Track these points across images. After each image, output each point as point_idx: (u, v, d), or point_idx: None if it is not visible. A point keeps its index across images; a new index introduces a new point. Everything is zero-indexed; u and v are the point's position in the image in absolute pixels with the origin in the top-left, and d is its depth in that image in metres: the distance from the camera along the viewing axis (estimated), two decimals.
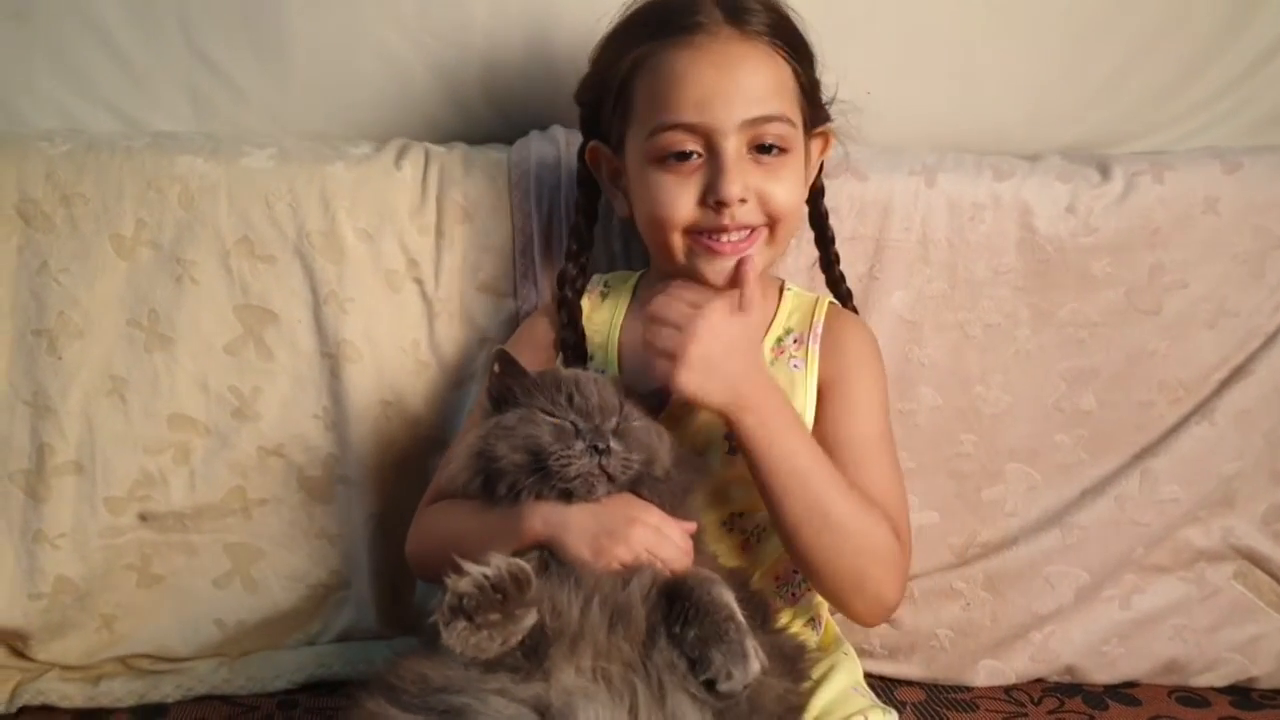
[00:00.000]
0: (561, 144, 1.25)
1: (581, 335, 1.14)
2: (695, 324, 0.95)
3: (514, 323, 1.25)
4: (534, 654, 0.81)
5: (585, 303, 1.17)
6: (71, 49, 1.27)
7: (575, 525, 0.90)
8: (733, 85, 1.01)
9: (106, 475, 1.22)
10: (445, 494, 1.04)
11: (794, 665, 0.95)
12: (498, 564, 0.81)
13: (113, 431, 1.22)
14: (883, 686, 1.26)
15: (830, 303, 1.16)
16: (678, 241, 1.06)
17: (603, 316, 1.17)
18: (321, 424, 1.25)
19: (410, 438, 1.26)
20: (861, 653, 1.21)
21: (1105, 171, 1.26)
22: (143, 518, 1.24)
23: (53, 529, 1.21)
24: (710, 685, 0.82)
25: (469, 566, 0.81)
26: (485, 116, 1.32)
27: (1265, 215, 1.24)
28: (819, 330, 1.12)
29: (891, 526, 1.01)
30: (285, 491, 1.26)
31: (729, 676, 0.81)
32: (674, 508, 0.95)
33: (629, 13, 1.08)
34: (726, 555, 1.07)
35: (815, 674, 1.03)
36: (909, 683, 1.29)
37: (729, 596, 0.86)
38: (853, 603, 1.03)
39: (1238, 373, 1.25)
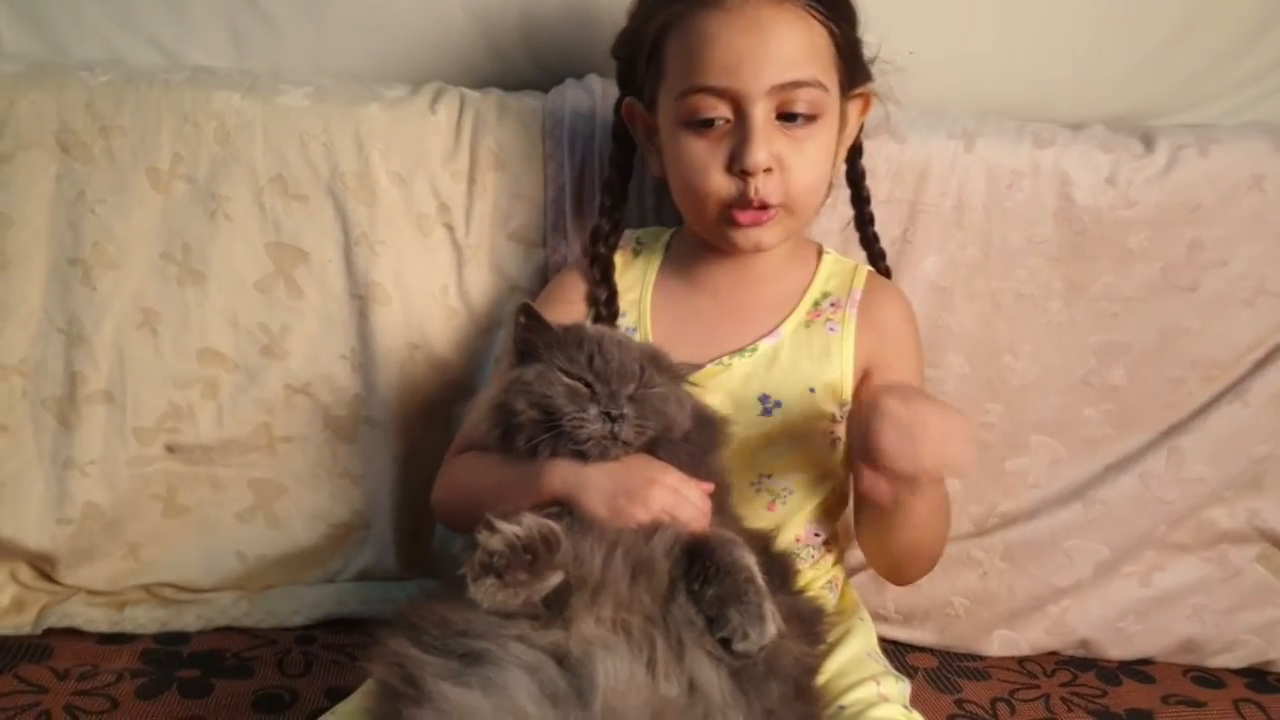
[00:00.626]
0: (597, 94, 1.24)
1: (614, 292, 1.14)
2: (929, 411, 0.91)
3: (543, 272, 1.25)
4: (555, 602, 0.82)
5: (618, 259, 1.17)
6: None
7: (593, 485, 0.90)
8: (762, 49, 0.99)
9: (136, 406, 1.24)
10: (471, 444, 1.05)
11: (811, 628, 0.96)
12: (529, 524, 0.81)
13: (143, 363, 1.24)
14: (896, 651, 1.26)
15: (869, 271, 1.15)
16: (710, 209, 1.05)
17: (635, 274, 1.16)
18: (349, 364, 1.26)
19: (436, 382, 1.26)
20: (876, 618, 1.21)
21: (1149, 143, 1.23)
22: (170, 449, 1.26)
23: (83, 456, 1.23)
24: (726, 644, 0.82)
25: (501, 525, 0.81)
26: (522, 63, 1.32)
27: None
28: (857, 297, 1.11)
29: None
30: (310, 430, 1.27)
31: (745, 637, 0.81)
32: (693, 468, 0.94)
33: None
34: (753, 516, 1.06)
35: (831, 638, 1.03)
36: (922, 649, 1.30)
37: (750, 559, 0.86)
38: (899, 578, 1.14)
39: (1274, 353, 1.24)
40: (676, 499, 0.90)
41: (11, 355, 1.22)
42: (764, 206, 1.03)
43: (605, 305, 1.13)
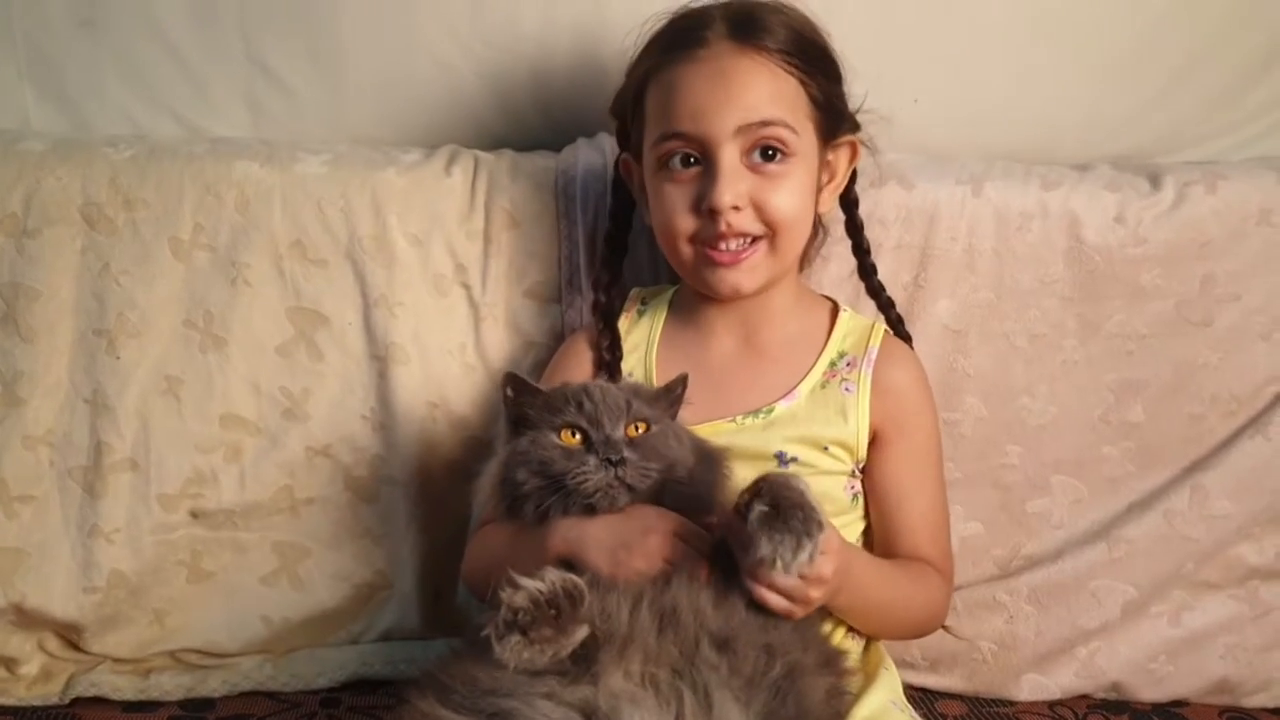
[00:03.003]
0: (608, 152, 1.26)
1: (616, 338, 1.16)
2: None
3: (559, 328, 1.27)
4: (583, 658, 0.82)
5: (623, 320, 1.19)
6: (137, 56, 1.32)
7: (593, 539, 0.92)
8: (725, 95, 1.03)
9: (160, 472, 1.25)
10: (487, 520, 1.07)
11: (836, 664, 0.96)
12: (552, 579, 0.82)
13: (167, 430, 1.25)
14: (923, 699, 1.24)
15: (886, 332, 1.16)
16: (684, 250, 1.08)
17: (640, 333, 1.18)
18: (369, 425, 1.27)
19: (456, 440, 1.27)
20: (902, 664, 1.20)
21: (1156, 181, 1.24)
22: (194, 515, 1.27)
23: (108, 524, 1.24)
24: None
25: (523, 581, 0.81)
26: (534, 123, 1.34)
27: None
28: (873, 356, 1.12)
29: (940, 575, 1.10)
30: (332, 491, 1.28)
31: (777, 562, 0.81)
32: (701, 508, 0.95)
33: (651, 31, 1.11)
34: None
35: (854, 688, 1.03)
36: (951, 695, 1.27)
37: (805, 485, 0.86)
38: (900, 639, 1.16)
39: None
40: (675, 545, 0.91)
41: (38, 426, 1.24)
42: (751, 241, 1.05)
43: (609, 352, 1.15)
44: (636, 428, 0.95)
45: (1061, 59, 1.30)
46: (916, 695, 1.22)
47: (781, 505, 0.84)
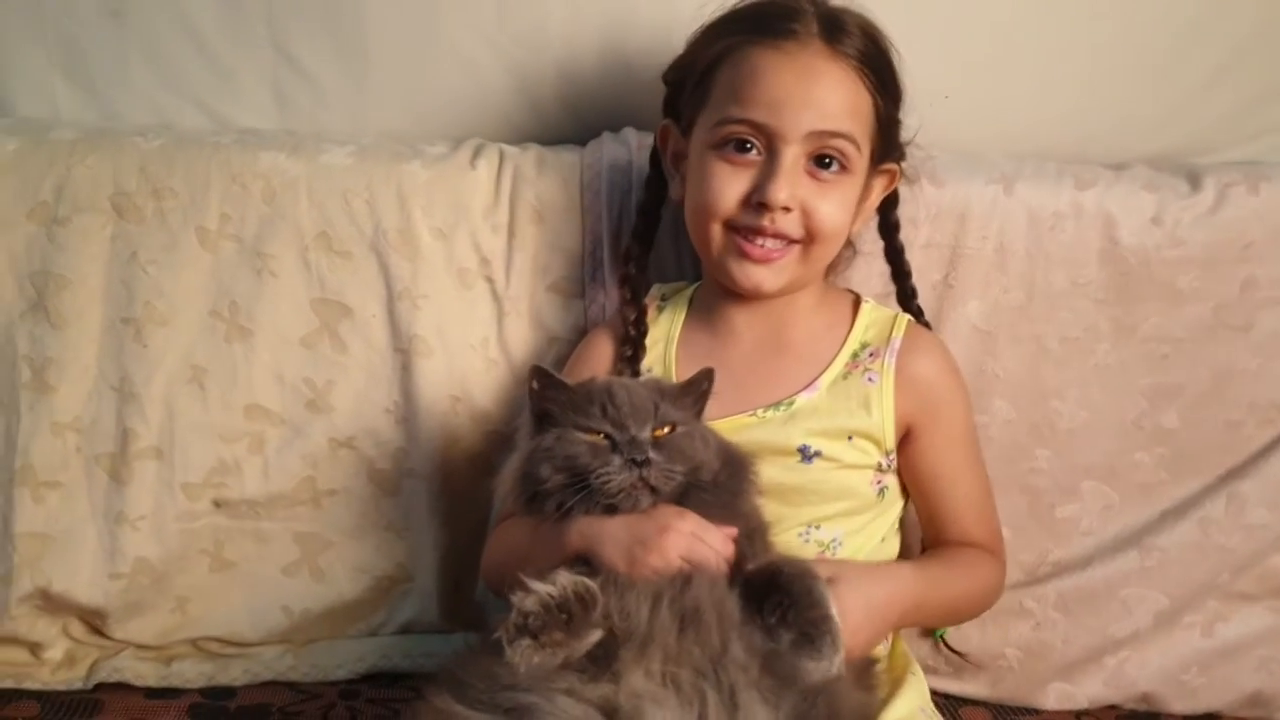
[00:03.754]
0: (633, 146, 1.26)
1: (642, 312, 1.16)
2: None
3: (582, 323, 1.26)
4: (603, 656, 0.82)
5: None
6: (164, 47, 1.32)
7: (609, 536, 0.91)
8: (808, 95, 1.01)
9: (184, 461, 1.26)
10: (506, 515, 1.07)
11: (865, 677, 0.96)
12: (563, 583, 0.82)
13: (192, 419, 1.26)
14: (948, 705, 1.23)
15: (909, 321, 1.14)
16: (716, 233, 1.07)
17: (660, 330, 1.17)
18: (392, 418, 1.27)
19: (478, 433, 1.27)
20: (928, 670, 1.18)
21: (1195, 182, 1.22)
22: (217, 504, 1.27)
23: (134, 511, 1.25)
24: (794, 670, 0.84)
25: (535, 585, 0.81)
26: (559, 118, 1.34)
27: None
28: (896, 346, 1.10)
29: (993, 559, 1.12)
30: (355, 483, 1.28)
31: (818, 670, 0.83)
32: (724, 513, 0.94)
33: (734, 6, 1.09)
34: None
35: (882, 693, 1.02)
36: (976, 702, 1.26)
37: (824, 589, 0.87)
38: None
39: None
40: (693, 544, 0.90)
41: (66, 413, 1.25)
42: (788, 242, 1.04)
43: (634, 325, 1.15)
44: (663, 429, 0.94)
45: (1096, 56, 1.28)
46: (941, 701, 1.20)
47: (806, 627, 0.85)
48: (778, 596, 0.86)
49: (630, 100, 1.18)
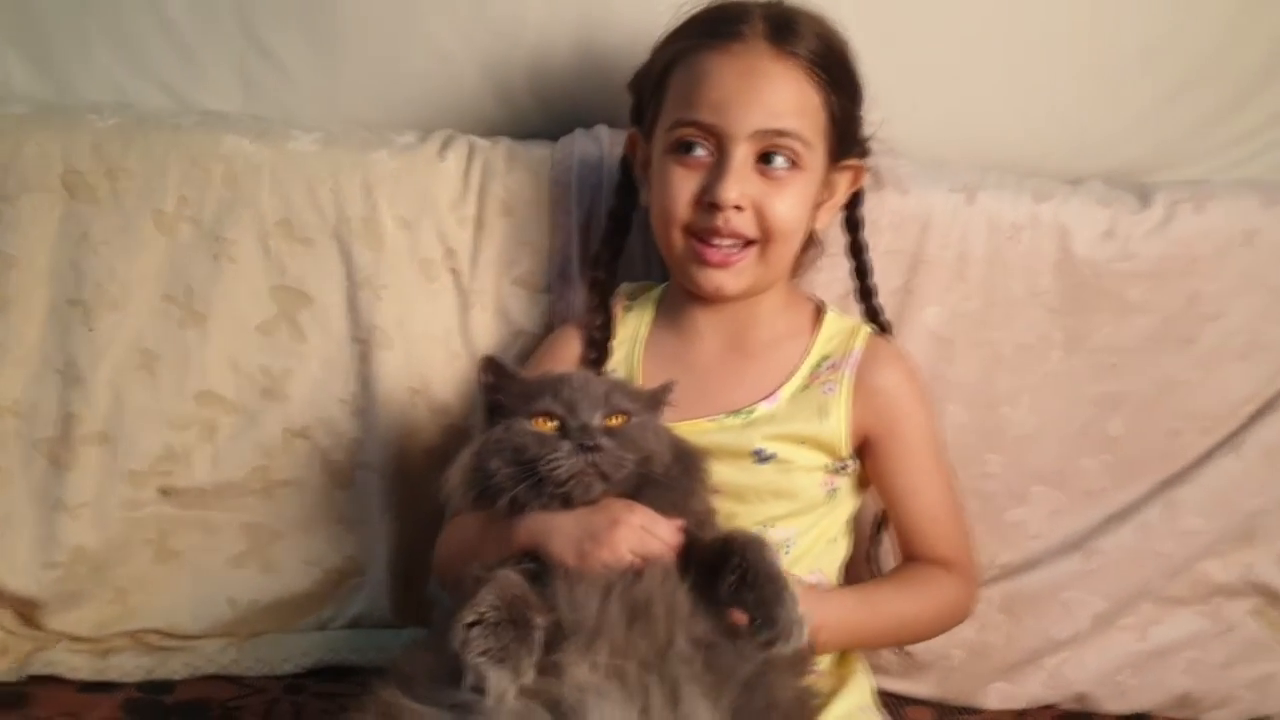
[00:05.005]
0: (605, 144, 1.26)
1: (610, 317, 1.17)
2: None
3: (548, 317, 1.26)
4: (549, 649, 0.81)
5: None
6: (126, 21, 1.28)
7: (558, 531, 0.91)
8: (752, 93, 1.03)
9: (131, 448, 1.23)
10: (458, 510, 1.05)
11: (801, 665, 0.95)
12: (491, 601, 0.81)
13: (140, 405, 1.23)
14: (893, 704, 1.25)
15: (869, 332, 1.16)
16: (677, 238, 1.08)
17: (627, 331, 1.18)
18: (349, 409, 1.26)
19: (436, 427, 1.26)
20: (875, 669, 1.20)
21: (1145, 198, 1.26)
22: (164, 492, 1.24)
23: (73, 498, 1.22)
24: (765, 645, 0.85)
25: (470, 626, 0.79)
26: (531, 112, 1.33)
27: None
28: (856, 358, 1.12)
29: (958, 574, 1.11)
30: (308, 474, 1.26)
31: (788, 638, 0.84)
32: (676, 508, 0.95)
33: (687, 14, 1.10)
34: None
35: (826, 687, 1.04)
36: (920, 701, 1.29)
37: (779, 560, 0.88)
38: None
39: (1267, 407, 1.25)
40: (642, 537, 0.90)
41: (6, 396, 1.21)
42: (745, 243, 1.06)
43: (599, 330, 1.15)
44: (615, 418, 0.94)
45: (1057, 74, 1.32)
46: (887, 700, 1.21)
47: (769, 599, 0.86)
48: (731, 566, 0.87)
49: (604, 97, 1.18)
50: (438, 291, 1.26)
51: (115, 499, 1.23)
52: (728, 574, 0.87)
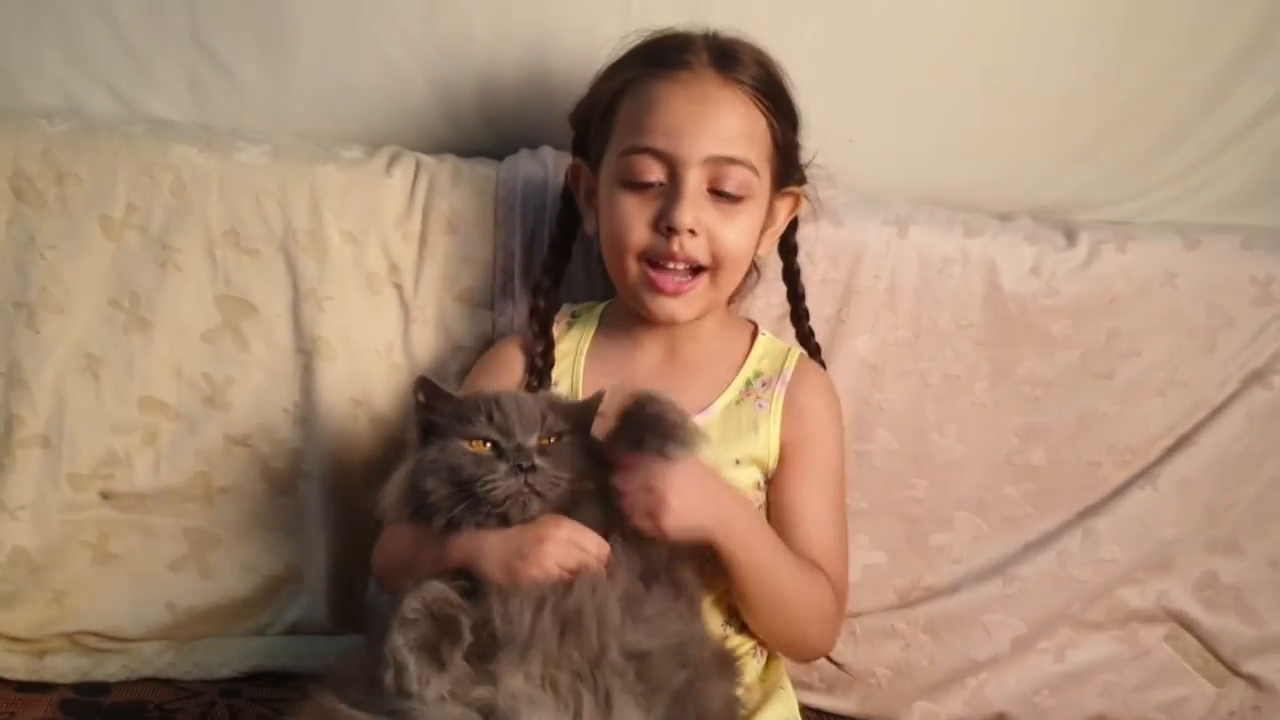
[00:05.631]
0: (550, 165, 1.28)
1: (550, 344, 1.18)
2: (667, 478, 0.95)
3: (489, 334, 1.28)
4: (483, 658, 0.84)
5: (554, 331, 1.20)
6: (77, 27, 1.29)
7: (488, 549, 0.93)
8: (703, 120, 1.05)
9: (73, 451, 1.24)
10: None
11: (730, 665, 0.98)
12: (413, 605, 0.84)
13: (83, 408, 1.24)
14: (817, 719, 1.28)
15: (801, 355, 1.19)
16: (631, 266, 1.10)
17: (569, 344, 1.20)
18: (291, 418, 1.27)
19: (377, 437, 1.27)
20: (800, 685, 1.23)
21: (1071, 237, 1.29)
22: (104, 496, 1.25)
23: (13, 500, 1.22)
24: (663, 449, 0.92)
25: (403, 657, 0.82)
26: (478, 131, 1.35)
27: (1220, 293, 1.28)
28: (788, 378, 1.15)
29: (832, 586, 1.09)
30: (248, 481, 1.27)
31: (685, 439, 0.92)
32: (611, 521, 0.96)
33: (630, 45, 1.12)
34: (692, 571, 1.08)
35: (750, 704, 1.06)
36: (844, 717, 1.31)
37: (673, 401, 0.95)
38: (790, 652, 1.15)
39: (1182, 441, 1.29)
40: (569, 551, 0.92)
41: None
42: (694, 271, 1.08)
43: (541, 358, 1.16)
44: (550, 439, 0.96)
45: (991, 114, 1.35)
46: (812, 716, 1.25)
47: (668, 430, 0.92)
48: (643, 410, 0.93)
49: (549, 119, 1.20)
50: (381, 305, 1.27)
51: (55, 501, 1.24)
52: (635, 426, 0.93)
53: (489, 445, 0.94)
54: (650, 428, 0.92)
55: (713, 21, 1.12)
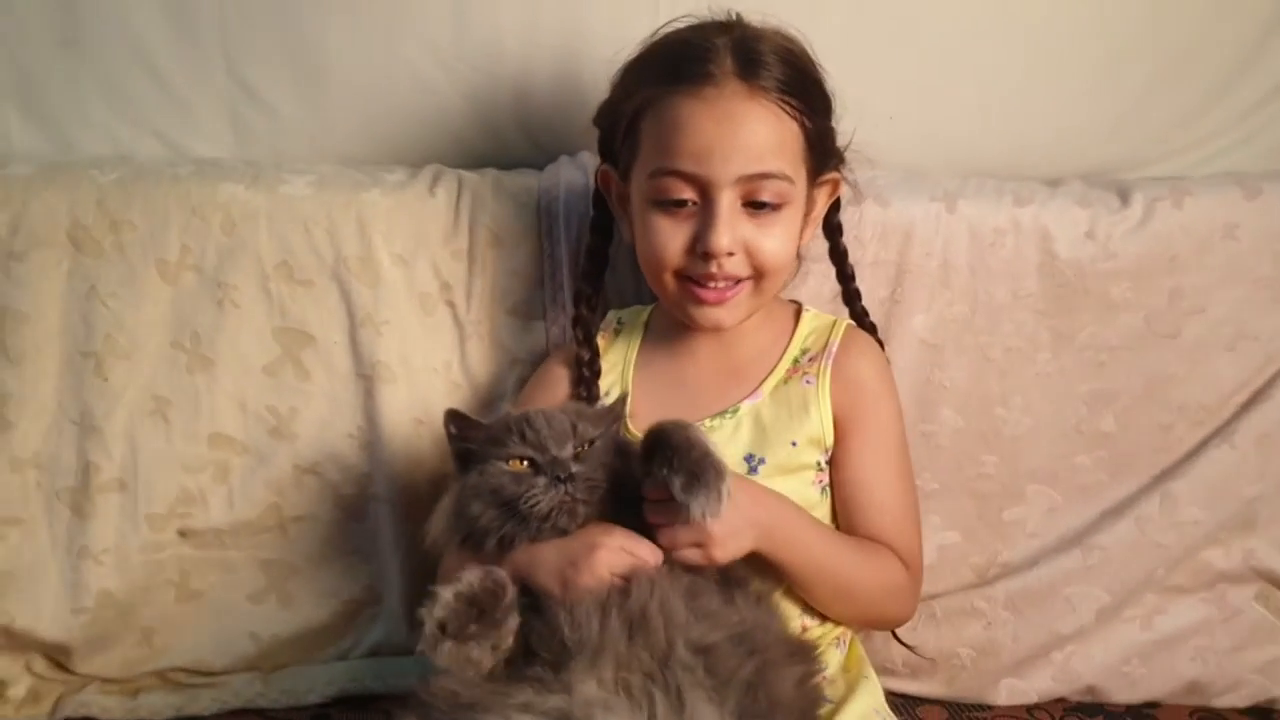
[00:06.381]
0: (589, 170, 1.27)
1: (595, 352, 1.18)
2: None
3: (543, 345, 1.29)
4: (555, 667, 0.85)
5: (600, 341, 1.20)
6: (119, 77, 1.32)
7: (542, 560, 0.93)
8: (731, 140, 1.01)
9: (148, 493, 1.26)
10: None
11: (802, 650, 0.98)
12: (469, 578, 0.86)
13: (155, 450, 1.26)
14: (904, 705, 1.27)
15: (848, 325, 1.18)
16: (669, 281, 1.09)
17: (617, 353, 1.20)
18: (356, 443, 1.28)
19: (441, 456, 1.26)
20: (884, 671, 1.23)
21: (1125, 197, 1.27)
22: (182, 534, 1.27)
23: (97, 545, 1.25)
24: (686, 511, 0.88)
25: (439, 589, 0.85)
26: (516, 142, 1.36)
27: None
28: (834, 350, 1.14)
29: (901, 559, 1.09)
30: (320, 509, 1.29)
31: (704, 504, 0.87)
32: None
33: (647, 47, 1.10)
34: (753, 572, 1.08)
35: (836, 696, 1.06)
36: (931, 701, 1.30)
37: (702, 434, 0.91)
38: (873, 627, 1.18)
39: (1257, 396, 1.26)
40: (622, 558, 0.93)
41: (26, 449, 1.24)
42: (735, 281, 1.06)
43: (588, 366, 1.16)
44: (583, 446, 0.97)
45: (1032, 77, 1.33)
46: (898, 702, 1.24)
47: (691, 467, 0.88)
48: (664, 451, 0.90)
49: (586, 125, 1.19)
50: (436, 325, 1.28)
51: (136, 543, 1.26)
52: (661, 459, 0.90)
53: (526, 463, 0.95)
54: (675, 464, 0.90)
55: (738, 5, 1.10)
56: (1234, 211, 1.25)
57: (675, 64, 1.05)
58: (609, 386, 1.17)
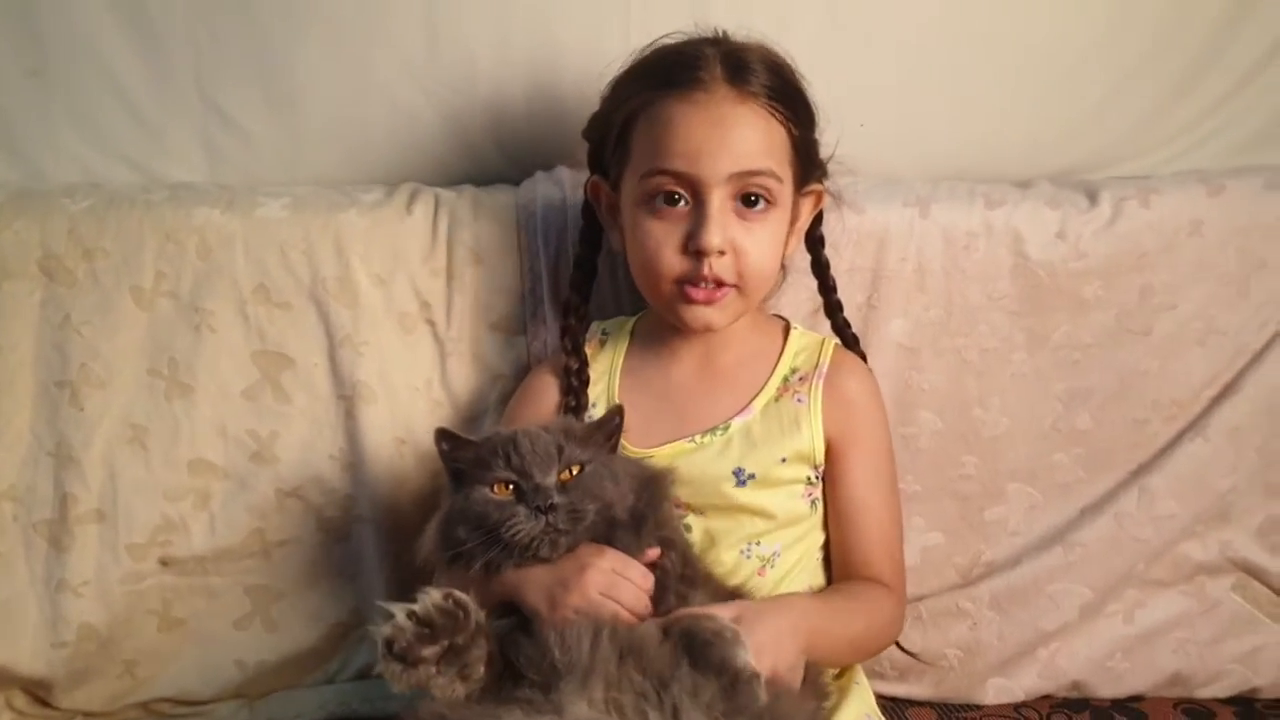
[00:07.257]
0: (566, 185, 1.28)
1: (584, 362, 1.18)
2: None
3: (524, 361, 1.29)
4: (546, 689, 0.84)
5: (586, 351, 1.20)
6: (88, 103, 1.31)
7: (531, 581, 0.94)
8: (721, 141, 1.04)
9: (128, 522, 1.25)
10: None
11: (816, 681, 0.99)
12: (425, 600, 0.85)
13: (134, 479, 1.25)
14: (894, 708, 1.28)
15: (836, 345, 1.19)
16: (665, 287, 1.09)
17: (602, 364, 1.20)
18: (338, 465, 1.28)
19: (425, 474, 1.28)
20: (872, 674, 1.23)
21: (1093, 197, 1.29)
22: (164, 563, 1.26)
23: (75, 577, 1.24)
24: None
25: (394, 608, 0.84)
26: (492, 159, 1.36)
27: (1248, 236, 1.27)
28: (824, 369, 1.15)
29: (888, 587, 1.12)
30: (304, 532, 1.28)
31: (741, 688, 0.85)
32: (648, 541, 0.97)
33: (639, 59, 1.12)
34: (747, 584, 1.09)
35: (829, 703, 1.06)
36: (920, 703, 1.31)
37: (735, 642, 0.87)
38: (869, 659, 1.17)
39: (1228, 389, 1.28)
40: (612, 580, 0.93)
41: (2, 481, 1.23)
42: (719, 285, 1.07)
43: (576, 376, 1.17)
44: (570, 471, 0.96)
45: (999, 82, 1.34)
46: (887, 704, 1.25)
47: (728, 691, 0.85)
48: (694, 657, 0.87)
49: (561, 139, 1.20)
50: (415, 343, 1.28)
51: (117, 574, 1.25)
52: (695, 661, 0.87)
53: (510, 488, 0.95)
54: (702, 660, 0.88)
55: (712, 19, 1.11)
56: (1199, 208, 1.28)
57: (666, 71, 1.08)
58: (596, 396, 1.18)
